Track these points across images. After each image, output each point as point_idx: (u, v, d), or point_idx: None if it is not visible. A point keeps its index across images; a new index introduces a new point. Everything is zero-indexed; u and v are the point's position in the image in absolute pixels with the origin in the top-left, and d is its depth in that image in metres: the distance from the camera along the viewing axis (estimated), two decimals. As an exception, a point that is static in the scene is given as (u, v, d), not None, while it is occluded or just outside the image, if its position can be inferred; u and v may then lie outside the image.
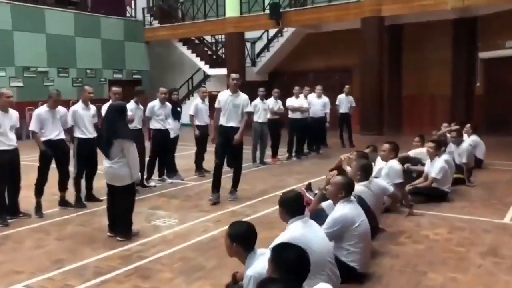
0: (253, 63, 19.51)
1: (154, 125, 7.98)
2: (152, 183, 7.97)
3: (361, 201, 4.49)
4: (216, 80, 19.91)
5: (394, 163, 5.98)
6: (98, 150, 6.98)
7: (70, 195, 6.65)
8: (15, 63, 16.54)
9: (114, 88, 7.10)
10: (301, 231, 3.39)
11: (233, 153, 6.86)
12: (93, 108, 6.86)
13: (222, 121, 6.75)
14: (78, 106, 6.66)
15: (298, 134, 10.75)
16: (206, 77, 20.76)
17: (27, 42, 16.68)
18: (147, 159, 7.96)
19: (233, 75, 6.83)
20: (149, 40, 20.73)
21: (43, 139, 6.20)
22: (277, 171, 9.29)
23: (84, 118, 6.58)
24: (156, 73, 21.44)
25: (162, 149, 8.15)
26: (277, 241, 3.35)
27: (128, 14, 21.06)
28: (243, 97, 6.84)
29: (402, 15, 14.87)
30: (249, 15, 17.67)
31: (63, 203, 6.59)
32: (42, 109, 6.24)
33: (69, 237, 5.31)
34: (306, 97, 11.05)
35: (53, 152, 6.25)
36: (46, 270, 4.33)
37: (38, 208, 6.23)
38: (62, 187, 6.54)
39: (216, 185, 6.77)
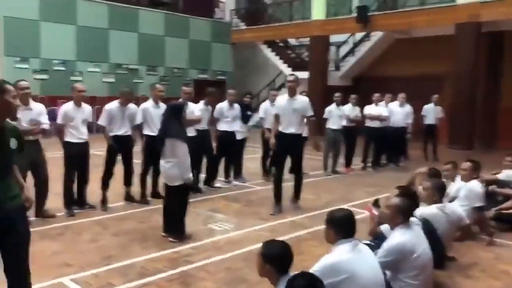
0: (337, 67, 19.02)
1: (221, 126, 7.90)
2: (217, 184, 7.90)
3: (427, 226, 4.00)
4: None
5: (475, 184, 5.34)
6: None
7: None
8: (109, 60, 17.50)
9: (184, 88, 7.12)
10: (347, 256, 3.04)
11: (293, 161, 6.52)
12: (163, 106, 6.91)
13: (281, 127, 6.43)
14: (149, 104, 6.74)
15: (376, 144, 10.17)
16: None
17: (120, 41, 17.59)
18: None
19: (289, 77, 6.48)
20: (235, 41, 20.99)
21: (111, 134, 6.34)
22: (347, 182, 8.83)
23: (153, 116, 6.63)
24: (240, 75, 21.66)
25: (228, 151, 8.05)
26: (318, 265, 3.04)
27: (216, 16, 21.48)
28: (301, 100, 6.44)
29: (502, 21, 13.59)
30: (335, 18, 17.24)
31: (128, 198, 6.71)
32: (113, 105, 6.39)
33: (125, 233, 5.35)
34: (387, 105, 10.43)
35: (119, 147, 6.37)
36: (95, 265, 4.35)
37: (103, 201, 6.39)
38: (127, 182, 6.66)
39: (277, 196, 6.51)
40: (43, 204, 5.85)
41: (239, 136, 8.23)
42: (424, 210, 4.35)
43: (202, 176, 7.86)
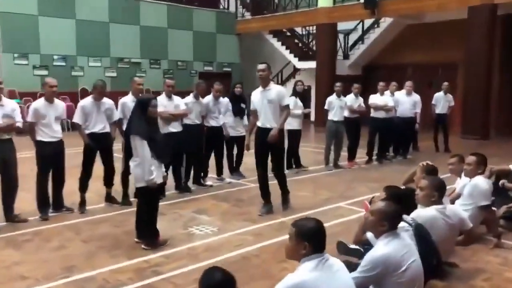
0: (346, 56, 18.37)
1: (208, 121, 7.44)
2: (208, 182, 7.45)
3: (420, 231, 3.48)
4: (306, 74, 19.06)
5: (480, 181, 4.77)
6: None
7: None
8: (110, 54, 17.15)
9: (167, 80, 6.77)
10: (314, 275, 2.55)
11: (272, 158, 5.99)
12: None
13: (259, 122, 5.93)
14: (128, 99, 6.31)
15: (381, 136, 9.59)
16: (296, 70, 19.99)
17: (121, 34, 17.21)
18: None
19: (259, 66, 5.90)
20: (240, 32, 20.45)
21: (87, 132, 5.93)
22: (349, 177, 8.29)
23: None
24: (246, 66, 21.10)
25: (217, 148, 7.59)
26: (281, 286, 2.56)
27: (221, 6, 20.95)
28: (276, 90, 5.90)
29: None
30: (342, 5, 16.59)
31: (109, 199, 6.31)
32: (87, 101, 5.97)
33: (97, 239, 4.94)
34: (392, 94, 9.83)
35: (97, 145, 5.95)
36: (52, 278, 3.94)
37: (81, 203, 6.00)
38: (108, 182, 6.24)
39: (264, 196, 6.02)
40: (11, 207, 5.47)
41: (233, 133, 7.76)
42: (420, 212, 3.82)
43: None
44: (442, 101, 10.91)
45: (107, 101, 6.08)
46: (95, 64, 16.80)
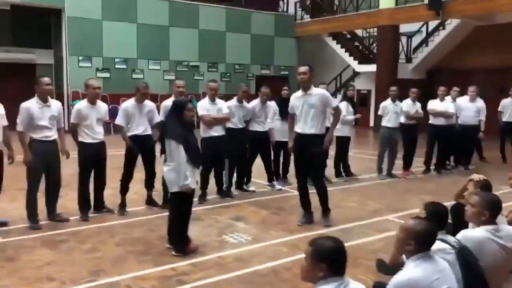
0: (409, 60, 17.58)
1: (253, 126, 7.22)
2: (251, 188, 7.25)
3: (464, 255, 3.07)
4: (366, 77, 18.49)
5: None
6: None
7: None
8: (170, 57, 17.47)
9: (210, 84, 6.56)
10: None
11: (310, 168, 5.64)
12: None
13: (298, 128, 5.61)
14: (170, 102, 6.24)
15: (440, 144, 8.97)
16: (355, 74, 19.41)
17: (181, 37, 17.49)
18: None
19: (300, 68, 5.57)
20: (299, 35, 20.17)
21: (129, 134, 5.93)
22: (402, 187, 7.79)
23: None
24: (305, 69, 20.79)
25: (262, 153, 7.37)
26: None
27: (280, 9, 20.79)
28: (319, 94, 5.54)
29: None
30: (405, 6, 15.90)
31: (149, 202, 6.28)
32: (129, 103, 5.96)
33: (130, 243, 4.88)
34: (454, 99, 9.18)
35: (139, 148, 5.94)
36: (78, 281, 3.90)
37: (121, 205, 6.01)
38: (149, 185, 6.22)
39: (304, 206, 5.72)
40: (54, 206, 5.57)
41: (280, 138, 7.47)
42: (467, 233, 3.38)
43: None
44: (509, 108, 10.07)
45: (149, 104, 6.05)
46: (154, 67, 17.19)
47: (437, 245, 3.05)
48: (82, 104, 5.66)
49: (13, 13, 15.62)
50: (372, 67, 17.07)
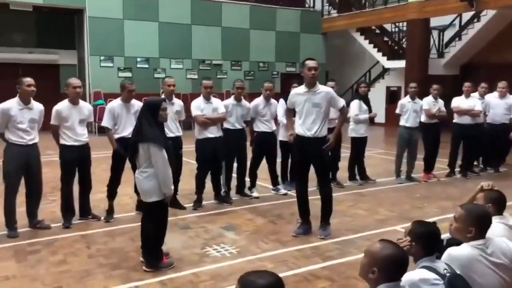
0: (440, 54, 16.62)
1: (258, 126, 6.72)
2: (254, 194, 6.77)
3: (455, 286, 2.50)
4: (396, 74, 17.65)
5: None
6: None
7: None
8: (192, 56, 17.18)
9: (204, 81, 6.14)
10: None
11: (316, 170, 5.12)
12: (178, 103, 6.04)
13: (298, 129, 5.08)
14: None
15: (466, 145, 8.21)
16: (385, 70, 18.58)
17: (203, 36, 17.16)
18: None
19: (311, 63, 5.01)
20: (326, 31, 19.49)
21: (116, 136, 5.57)
22: (421, 193, 7.12)
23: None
24: (332, 66, 20.13)
25: (267, 155, 6.86)
26: None
27: (306, 5, 20.16)
28: (324, 92, 4.98)
29: None
30: (436, -2, 14.95)
31: (139, 207, 5.90)
32: (115, 103, 5.59)
33: (105, 254, 4.52)
34: (482, 96, 8.39)
35: (126, 151, 5.55)
36: (31, 300, 3.56)
37: (109, 211, 5.67)
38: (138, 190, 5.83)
39: (302, 214, 5.20)
40: (35, 213, 5.28)
41: (287, 138, 6.92)
42: (452, 252, 2.72)
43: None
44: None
45: (136, 103, 5.66)
46: (177, 66, 16.93)
47: (419, 274, 2.51)
48: (62, 105, 5.31)
49: (36, 15, 15.72)
50: (402, 63, 16.23)
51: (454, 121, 8.21)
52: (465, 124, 8.06)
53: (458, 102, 8.12)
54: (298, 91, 5.14)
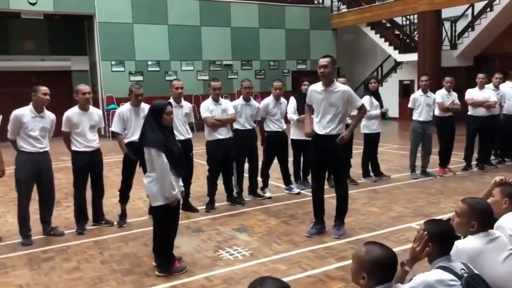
0: (453, 46, 16.34)
1: (269, 126, 6.67)
2: (267, 194, 6.71)
3: (473, 286, 2.42)
4: (409, 67, 17.44)
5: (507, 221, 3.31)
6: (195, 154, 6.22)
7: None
8: (202, 57, 17.18)
9: (212, 83, 6.10)
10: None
11: (330, 169, 5.03)
12: (187, 105, 6.01)
13: (315, 127, 5.00)
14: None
15: (482, 137, 8.06)
16: (397, 64, 18.35)
17: (213, 37, 17.14)
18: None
19: (321, 61, 4.87)
20: (336, 27, 19.33)
21: (126, 140, 5.56)
22: (436, 188, 6.99)
23: (175, 118, 5.70)
24: (344, 62, 19.97)
25: (279, 155, 6.80)
26: None
27: (315, 2, 20.02)
28: (341, 91, 4.86)
29: None
30: (446, -12, 14.70)
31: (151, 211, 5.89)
32: (124, 108, 5.59)
33: (117, 260, 4.51)
34: (496, 87, 8.22)
35: (136, 155, 5.53)
36: (44, 308, 3.56)
37: (121, 216, 5.68)
38: (150, 194, 5.82)
39: (316, 214, 5.12)
40: (48, 220, 5.30)
41: (299, 136, 6.75)
42: (460, 245, 2.67)
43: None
44: None
45: (146, 107, 5.61)
46: (187, 68, 16.96)
47: (435, 275, 2.45)
48: (72, 111, 5.33)
49: (47, 22, 15.87)
50: (414, 56, 16.00)
51: (468, 113, 8.06)
52: (480, 116, 7.91)
53: (472, 94, 7.96)
54: (315, 88, 5.02)
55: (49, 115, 5.24)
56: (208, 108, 6.00)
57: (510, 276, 2.64)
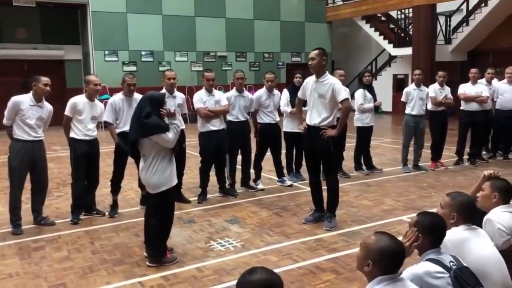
0: (448, 41, 16.37)
1: (262, 118, 6.66)
2: (259, 186, 6.71)
3: (460, 279, 2.44)
4: (403, 61, 17.46)
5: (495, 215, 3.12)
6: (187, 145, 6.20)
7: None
8: (197, 48, 17.09)
9: (206, 74, 6.07)
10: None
11: (322, 163, 5.08)
12: (180, 96, 5.99)
13: (307, 117, 5.03)
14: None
15: (474, 132, 8.10)
16: (391, 58, 18.37)
17: (207, 27, 17.05)
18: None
19: (310, 54, 4.92)
20: (331, 20, 19.29)
21: (117, 130, 5.53)
22: (428, 182, 7.03)
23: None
24: (338, 55, 19.98)
25: (273, 147, 6.80)
26: None
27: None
28: (330, 83, 4.86)
29: None
30: (442, -18, 14.71)
31: (144, 202, 5.87)
32: (117, 97, 5.54)
33: (108, 250, 4.50)
34: (489, 82, 8.25)
35: (128, 146, 5.51)
36: (34, 298, 3.55)
37: (113, 206, 5.66)
38: (142, 184, 5.79)
39: (315, 201, 5.21)
40: (40, 209, 5.28)
41: (291, 129, 6.81)
42: (448, 236, 2.71)
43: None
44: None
45: (139, 97, 5.59)
46: (181, 58, 16.87)
47: (424, 267, 2.46)
48: (79, 98, 5.32)
49: (40, 10, 15.70)
50: (409, 50, 16.03)
51: (461, 108, 8.08)
52: (472, 111, 7.95)
53: (465, 88, 7.98)
54: (309, 80, 5.07)
55: (47, 106, 5.23)
56: (201, 99, 5.97)
57: (492, 263, 2.68)
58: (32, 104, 5.03)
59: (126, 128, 5.45)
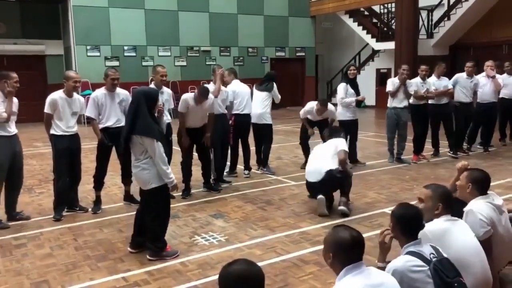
0: (430, 35, 16.53)
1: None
2: (227, 179, 6.79)
3: (439, 271, 2.48)
4: (386, 56, 17.58)
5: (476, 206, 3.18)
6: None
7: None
8: (180, 43, 16.98)
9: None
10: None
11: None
12: (167, 91, 5.98)
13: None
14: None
15: (445, 124, 8.23)
16: (374, 52, 18.49)
17: (191, 22, 16.95)
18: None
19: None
20: (314, 14, 19.33)
21: (100, 126, 5.48)
22: (410, 175, 7.12)
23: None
24: (322, 50, 20.06)
25: (242, 138, 6.94)
26: None
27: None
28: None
29: None
30: (424, -23, 14.83)
31: (127, 198, 5.86)
32: (99, 92, 5.49)
33: (91, 246, 4.47)
34: (470, 76, 8.35)
35: (111, 141, 5.47)
36: (15, 296, 3.51)
37: (96, 202, 5.62)
38: (125, 180, 5.77)
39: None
40: (14, 204, 5.24)
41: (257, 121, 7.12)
42: (428, 227, 2.75)
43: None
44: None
45: (121, 92, 5.58)
46: (165, 53, 16.74)
47: (402, 260, 2.52)
48: (57, 95, 5.22)
49: (20, 5, 15.44)
50: (391, 45, 16.09)
51: (429, 101, 8.14)
52: (437, 104, 8.04)
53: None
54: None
55: (15, 100, 5.14)
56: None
57: (473, 254, 2.76)
58: (2, 100, 4.97)
59: (109, 123, 5.47)
